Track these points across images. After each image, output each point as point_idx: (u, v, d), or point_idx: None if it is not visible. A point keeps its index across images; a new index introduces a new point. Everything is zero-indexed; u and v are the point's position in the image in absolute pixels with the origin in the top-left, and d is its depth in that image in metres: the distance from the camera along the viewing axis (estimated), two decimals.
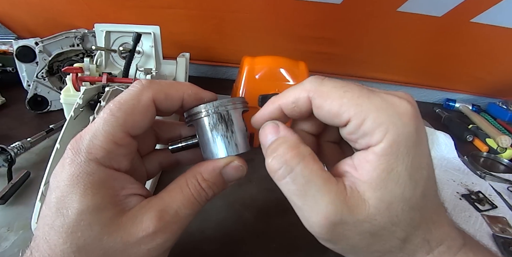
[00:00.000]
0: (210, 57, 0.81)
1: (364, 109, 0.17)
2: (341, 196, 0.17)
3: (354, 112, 0.17)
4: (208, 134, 0.21)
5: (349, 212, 0.16)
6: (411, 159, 0.16)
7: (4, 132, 0.47)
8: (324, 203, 0.16)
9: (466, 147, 0.59)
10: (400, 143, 0.16)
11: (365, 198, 0.17)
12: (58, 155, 0.27)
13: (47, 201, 0.18)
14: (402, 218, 0.17)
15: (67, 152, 0.18)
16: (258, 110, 0.21)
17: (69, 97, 0.36)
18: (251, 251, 0.31)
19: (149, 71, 0.36)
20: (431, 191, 0.18)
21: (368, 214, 0.16)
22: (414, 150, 0.17)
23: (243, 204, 0.37)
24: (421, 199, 0.17)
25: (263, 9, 0.65)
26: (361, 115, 0.17)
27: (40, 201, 0.26)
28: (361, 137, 0.17)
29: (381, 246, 0.17)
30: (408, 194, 0.17)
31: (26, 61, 0.52)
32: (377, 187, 0.16)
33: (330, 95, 0.17)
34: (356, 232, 0.17)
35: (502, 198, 0.42)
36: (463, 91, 0.82)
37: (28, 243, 0.19)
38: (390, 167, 0.16)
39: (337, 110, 0.17)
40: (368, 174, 0.17)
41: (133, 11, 0.68)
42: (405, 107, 0.17)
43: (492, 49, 0.67)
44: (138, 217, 0.18)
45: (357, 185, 0.17)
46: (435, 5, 0.59)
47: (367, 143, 0.17)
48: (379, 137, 0.16)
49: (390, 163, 0.16)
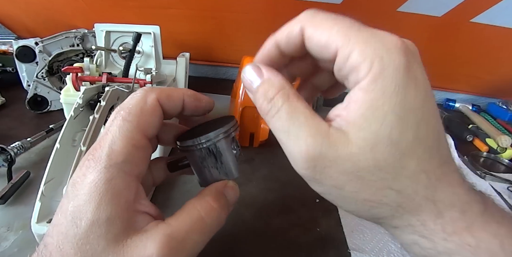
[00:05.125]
0: (210, 57, 0.81)
1: (351, 41, 0.16)
2: (322, 131, 0.16)
3: (341, 42, 0.16)
4: (199, 164, 0.22)
5: (329, 146, 0.16)
6: (400, 97, 0.15)
7: (4, 132, 0.47)
8: (304, 136, 0.16)
9: (466, 147, 0.59)
10: (386, 78, 0.15)
11: (348, 137, 0.16)
12: (58, 155, 0.27)
13: (64, 209, 0.18)
14: (391, 162, 0.15)
15: (87, 162, 0.18)
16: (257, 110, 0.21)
17: (69, 97, 0.36)
18: (251, 251, 0.31)
19: (149, 71, 0.36)
20: (430, 139, 0.16)
21: (350, 152, 0.16)
22: (405, 87, 0.15)
23: (243, 204, 0.37)
24: (414, 144, 0.15)
25: (263, 9, 0.65)
26: (348, 46, 0.16)
27: (40, 200, 0.25)
28: (349, 73, 0.16)
29: (372, 194, 0.16)
30: (396, 137, 0.15)
31: (26, 61, 0.52)
32: (360, 127, 0.16)
33: (321, 25, 0.17)
34: (338, 171, 0.16)
35: (502, 198, 0.42)
36: (463, 91, 0.82)
37: (27, 244, 0.19)
38: (375, 104, 0.15)
39: (326, 40, 0.17)
40: (353, 113, 0.16)
41: (133, 11, 0.68)
42: (395, 42, 0.16)
43: (492, 49, 0.67)
44: (143, 241, 0.17)
45: (343, 126, 0.16)
46: (435, 5, 0.59)
47: (355, 80, 0.16)
48: (364, 72, 0.15)
49: (375, 100, 0.15)
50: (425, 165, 0.16)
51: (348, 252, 0.31)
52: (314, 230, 0.34)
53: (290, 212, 0.35)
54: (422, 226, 0.16)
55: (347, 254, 0.31)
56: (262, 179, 0.41)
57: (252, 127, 0.46)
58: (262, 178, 0.41)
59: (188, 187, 0.39)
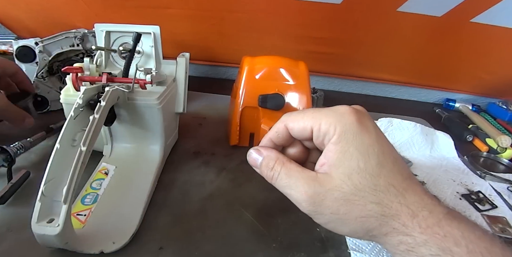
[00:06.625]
0: (210, 57, 0.81)
1: (317, 118, 0.24)
2: (312, 177, 0.23)
3: (312, 122, 0.24)
4: None
5: (319, 185, 0.22)
6: (358, 141, 0.22)
7: (4, 131, 0.47)
8: (301, 184, 0.23)
9: (466, 147, 0.59)
10: (346, 132, 0.22)
11: (331, 175, 0.22)
12: (58, 155, 0.27)
13: None
14: (365, 183, 0.21)
15: None
16: (258, 110, 0.24)
17: (69, 97, 0.36)
18: (251, 251, 0.31)
19: (149, 71, 0.36)
20: (390, 164, 0.22)
21: (335, 185, 0.22)
22: (360, 134, 0.22)
23: (243, 204, 0.37)
24: (378, 168, 0.22)
25: (263, 9, 0.65)
26: (316, 122, 0.24)
27: (40, 200, 0.25)
28: (323, 137, 0.23)
29: (360, 211, 0.22)
30: (363, 165, 0.22)
31: (26, 61, 0.52)
32: (338, 165, 0.22)
33: (296, 119, 0.25)
34: (331, 200, 0.22)
35: (502, 198, 0.42)
36: (463, 91, 0.82)
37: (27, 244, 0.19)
38: (343, 149, 0.22)
39: (303, 126, 0.24)
40: (331, 159, 0.23)
41: (133, 11, 0.68)
42: (345, 109, 0.24)
43: (492, 49, 0.67)
44: None
45: (326, 170, 0.23)
46: (435, 5, 0.59)
47: (327, 139, 0.23)
48: (331, 132, 0.23)
49: (342, 147, 0.22)
50: (391, 180, 0.22)
51: (348, 252, 0.31)
52: (314, 230, 0.34)
53: (290, 212, 0.35)
54: (403, 227, 0.21)
55: (347, 254, 0.31)
56: (262, 179, 0.40)
57: (252, 127, 0.46)
58: (262, 178, 0.41)
59: (188, 187, 0.39)
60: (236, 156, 0.46)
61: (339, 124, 0.23)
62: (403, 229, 0.21)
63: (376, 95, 0.86)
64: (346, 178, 0.22)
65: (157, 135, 0.39)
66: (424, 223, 0.20)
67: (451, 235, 0.20)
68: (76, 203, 0.32)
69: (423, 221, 0.20)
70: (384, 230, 0.22)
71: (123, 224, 0.31)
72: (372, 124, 0.24)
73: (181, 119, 0.48)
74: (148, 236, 0.31)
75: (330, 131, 0.23)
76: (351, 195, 0.21)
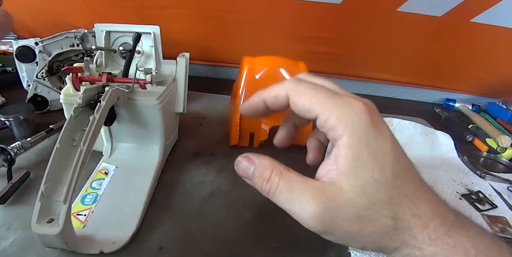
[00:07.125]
0: (210, 57, 0.81)
1: (328, 108, 0.20)
2: (319, 190, 0.20)
3: (321, 109, 0.20)
4: None
5: (328, 200, 0.19)
6: (373, 148, 0.19)
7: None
8: (306, 199, 0.19)
9: (466, 146, 0.59)
10: (359, 135, 0.19)
11: (341, 186, 0.19)
12: (58, 155, 0.27)
13: None
14: (380, 197, 0.19)
15: None
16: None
17: (69, 97, 0.36)
18: (251, 251, 0.31)
19: (149, 71, 0.36)
20: (403, 172, 0.20)
21: (347, 198, 0.19)
22: (375, 139, 0.20)
23: (243, 204, 0.37)
24: (393, 178, 0.19)
25: (263, 9, 0.65)
26: (325, 112, 0.20)
27: (40, 200, 0.25)
28: (328, 130, 0.21)
29: (374, 226, 0.19)
30: (378, 176, 0.19)
31: (26, 61, 0.52)
32: (349, 175, 0.19)
33: (303, 94, 0.21)
34: (343, 217, 0.19)
35: (502, 198, 0.42)
36: (463, 91, 0.82)
37: (27, 244, 0.19)
38: (356, 155, 0.19)
39: (308, 107, 0.21)
40: (342, 166, 0.20)
41: (133, 11, 0.68)
42: (361, 106, 0.20)
43: (492, 49, 0.67)
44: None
45: (334, 178, 0.20)
46: (435, 5, 0.59)
47: (333, 136, 0.20)
48: (341, 131, 0.20)
49: (355, 153, 0.19)
50: (405, 191, 0.20)
51: (348, 252, 0.31)
52: None
53: None
54: (413, 239, 0.19)
55: (347, 254, 0.31)
56: None
57: (252, 127, 0.46)
58: None
59: (188, 187, 0.39)
60: (236, 156, 0.46)
61: (351, 123, 0.20)
62: (412, 241, 0.19)
63: (376, 95, 0.86)
64: (360, 190, 0.19)
65: (157, 135, 0.39)
66: (434, 234, 0.19)
67: (461, 245, 0.19)
68: (76, 203, 0.33)
69: (433, 232, 0.19)
70: (394, 244, 0.20)
71: (123, 224, 0.31)
72: (385, 126, 0.21)
73: (181, 119, 0.48)
74: (148, 236, 0.31)
75: (339, 128, 0.20)
76: (364, 210, 0.19)
